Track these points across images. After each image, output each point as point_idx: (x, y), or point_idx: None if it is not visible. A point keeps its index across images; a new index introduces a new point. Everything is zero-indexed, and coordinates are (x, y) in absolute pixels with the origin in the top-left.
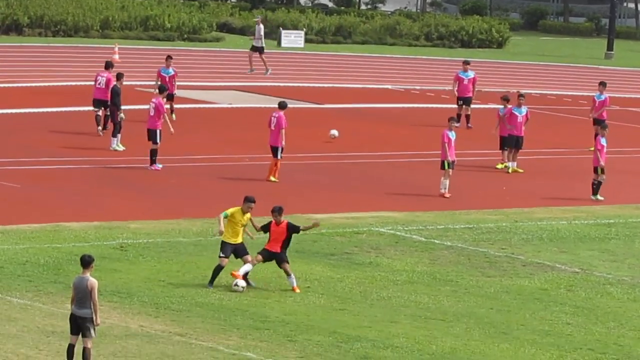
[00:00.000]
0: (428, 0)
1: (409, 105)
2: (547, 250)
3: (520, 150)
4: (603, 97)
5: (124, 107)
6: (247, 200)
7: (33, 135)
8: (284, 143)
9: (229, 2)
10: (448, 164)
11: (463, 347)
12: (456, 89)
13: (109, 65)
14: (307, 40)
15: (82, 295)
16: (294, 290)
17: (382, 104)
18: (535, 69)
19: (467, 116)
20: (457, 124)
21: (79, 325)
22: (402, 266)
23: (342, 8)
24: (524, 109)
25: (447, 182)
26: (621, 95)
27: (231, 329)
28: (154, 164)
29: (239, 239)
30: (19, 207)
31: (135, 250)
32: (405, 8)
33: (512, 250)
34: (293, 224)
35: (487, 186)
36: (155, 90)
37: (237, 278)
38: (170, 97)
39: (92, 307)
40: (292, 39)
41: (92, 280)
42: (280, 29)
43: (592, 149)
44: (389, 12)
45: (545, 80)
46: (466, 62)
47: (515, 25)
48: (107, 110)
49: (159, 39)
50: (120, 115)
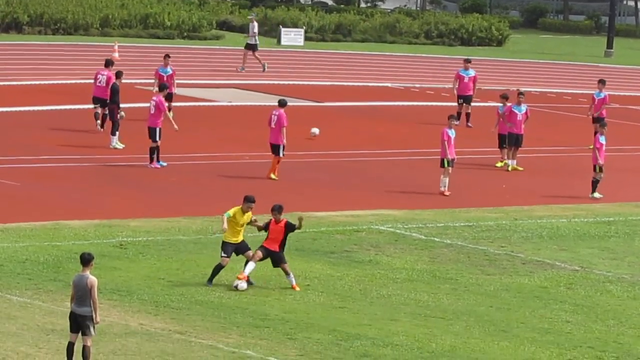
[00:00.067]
0: None
1: (409, 103)
2: (546, 248)
3: (520, 148)
4: (602, 95)
5: (124, 105)
6: (247, 200)
7: (33, 133)
8: (285, 141)
9: (228, 0)
10: (448, 162)
11: (463, 345)
12: (456, 87)
13: (109, 63)
14: (306, 39)
15: (82, 294)
16: (293, 288)
17: (381, 102)
18: (535, 67)
19: (467, 114)
20: (456, 122)
21: (79, 324)
22: (402, 264)
23: (342, 6)
24: (523, 107)
25: (447, 180)
26: (621, 93)
27: (231, 327)
28: (153, 161)
29: (240, 237)
30: (18, 205)
31: (135, 248)
32: (405, 6)
33: (511, 248)
34: (291, 223)
35: (487, 184)
36: (155, 88)
37: (243, 279)
38: (169, 96)
39: (91, 305)
40: (292, 37)
41: (92, 279)
42: (280, 27)
43: (592, 147)
44: (389, 10)
45: (545, 78)
46: (467, 61)
47: (515, 23)
48: (106, 109)
49: (158, 37)
50: (120, 114)
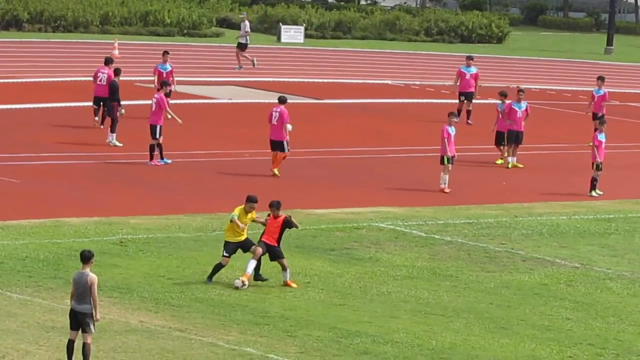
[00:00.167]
0: None
1: (409, 100)
2: (547, 245)
3: (520, 146)
4: (602, 92)
5: (123, 103)
6: (250, 200)
7: (33, 130)
8: (288, 137)
9: None
10: (447, 159)
11: (463, 343)
12: (458, 84)
13: (109, 61)
14: (306, 36)
15: (82, 291)
16: (287, 284)
17: (381, 99)
18: (535, 64)
19: (468, 112)
20: (456, 119)
21: (79, 321)
22: (402, 261)
23: (342, 3)
24: (523, 104)
25: (447, 177)
26: (621, 91)
27: (231, 324)
28: (153, 159)
29: (243, 236)
30: (18, 202)
31: (135, 245)
32: (405, 3)
33: (512, 245)
34: (289, 221)
35: (487, 181)
36: (156, 85)
37: (247, 278)
38: (167, 93)
39: (91, 302)
40: (292, 34)
41: (92, 276)
42: (280, 24)
43: (592, 144)
44: (389, 8)
45: (545, 76)
46: (469, 58)
47: (515, 21)
48: (105, 107)
49: (158, 35)
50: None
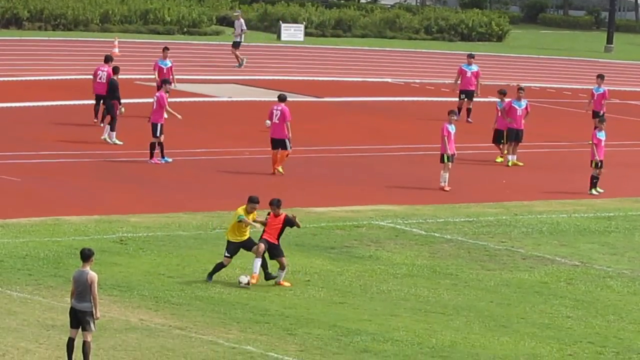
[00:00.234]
0: None
1: (409, 98)
2: (547, 243)
3: (520, 144)
4: (602, 90)
5: (123, 101)
6: (251, 201)
7: (33, 129)
8: (290, 135)
9: None
10: (447, 158)
11: (463, 341)
12: (459, 82)
13: (108, 59)
14: (306, 34)
15: (82, 289)
16: (280, 284)
17: (381, 97)
18: (535, 62)
19: (468, 110)
20: (456, 117)
21: (79, 319)
22: (402, 259)
23: (342, 1)
24: (523, 102)
25: (447, 175)
26: (621, 89)
27: (231, 322)
28: (154, 157)
29: (246, 236)
30: (19, 200)
31: (135, 243)
32: (405, 1)
33: (512, 243)
34: (290, 219)
35: (487, 179)
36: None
37: (255, 279)
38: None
39: (92, 300)
40: (292, 32)
41: (92, 274)
42: (280, 22)
43: (591, 142)
44: (389, 6)
45: (545, 74)
46: (470, 56)
47: (515, 19)
48: (104, 105)
49: (158, 33)
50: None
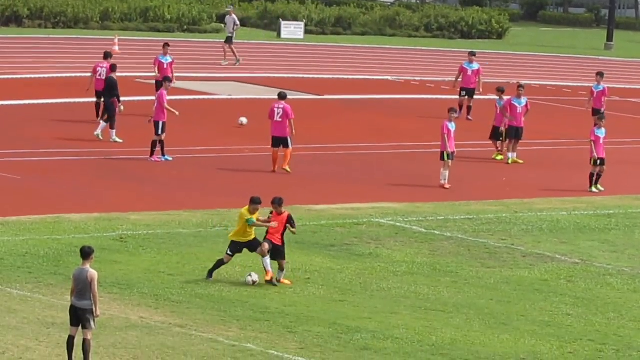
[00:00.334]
0: None
1: (409, 96)
2: (547, 241)
3: (520, 141)
4: (601, 87)
5: (123, 99)
6: (253, 202)
7: (33, 126)
8: (294, 132)
9: None
10: (447, 155)
11: (463, 338)
12: (460, 80)
13: (108, 55)
14: (306, 32)
15: (82, 287)
16: (280, 282)
17: (382, 95)
18: (535, 59)
19: (469, 107)
20: (456, 115)
21: (79, 317)
22: (402, 257)
23: None
24: (523, 100)
25: (447, 173)
26: (621, 86)
27: (231, 320)
28: (154, 155)
29: (251, 236)
30: (19, 198)
31: (135, 241)
32: None
33: (512, 241)
34: (292, 219)
35: (487, 177)
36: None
37: (270, 276)
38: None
39: (92, 298)
40: (292, 30)
41: (92, 272)
42: (280, 20)
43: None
44: (389, 3)
45: (545, 71)
46: (472, 54)
47: (515, 16)
48: (103, 102)
49: (158, 31)
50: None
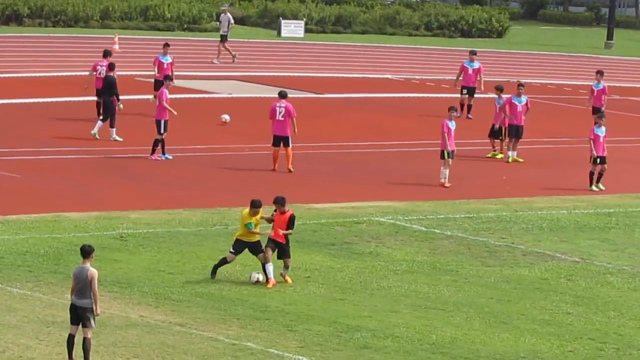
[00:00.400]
0: None
1: (409, 94)
2: (547, 239)
3: (521, 140)
4: (601, 86)
5: (123, 97)
6: (253, 205)
7: (33, 125)
8: (296, 131)
9: None
10: (448, 154)
11: (463, 337)
12: (460, 78)
13: (107, 54)
14: (307, 30)
15: (82, 286)
16: (285, 279)
17: (382, 94)
18: (535, 58)
19: (469, 106)
20: (456, 114)
21: (79, 316)
22: (402, 256)
23: None
24: (523, 99)
25: (447, 171)
26: (621, 85)
27: (231, 319)
28: (154, 153)
29: (256, 238)
30: (19, 197)
31: (136, 240)
32: None
33: (512, 239)
34: (294, 219)
35: (487, 176)
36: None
37: (272, 285)
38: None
39: (92, 297)
40: (292, 28)
41: (92, 271)
42: (280, 18)
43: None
44: (389, 2)
45: (545, 70)
46: (473, 52)
47: (515, 15)
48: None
49: (159, 29)
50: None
